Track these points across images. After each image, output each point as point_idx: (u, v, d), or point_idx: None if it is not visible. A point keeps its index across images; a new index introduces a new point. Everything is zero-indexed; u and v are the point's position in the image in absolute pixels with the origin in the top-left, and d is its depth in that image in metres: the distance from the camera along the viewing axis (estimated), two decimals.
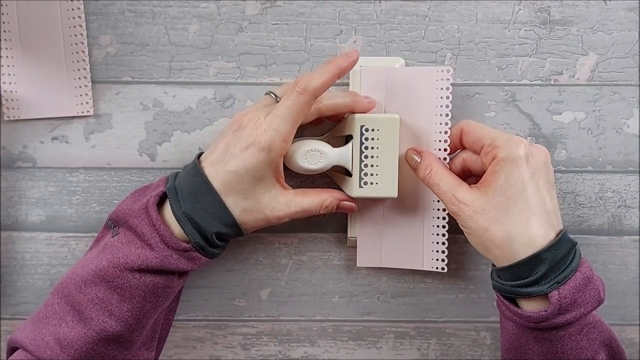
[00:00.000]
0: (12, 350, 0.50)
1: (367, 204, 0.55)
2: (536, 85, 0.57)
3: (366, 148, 0.52)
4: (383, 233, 0.56)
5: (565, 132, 0.58)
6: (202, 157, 0.51)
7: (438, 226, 0.54)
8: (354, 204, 0.54)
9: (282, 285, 0.59)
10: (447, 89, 0.52)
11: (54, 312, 0.49)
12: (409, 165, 0.53)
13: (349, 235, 0.57)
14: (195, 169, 0.50)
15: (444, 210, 0.54)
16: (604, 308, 0.50)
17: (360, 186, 0.52)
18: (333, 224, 0.59)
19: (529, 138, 0.57)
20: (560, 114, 0.57)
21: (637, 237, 0.58)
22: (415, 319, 0.60)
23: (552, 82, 0.57)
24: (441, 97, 0.53)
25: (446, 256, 0.54)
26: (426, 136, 0.53)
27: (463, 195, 0.48)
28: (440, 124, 0.53)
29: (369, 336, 0.60)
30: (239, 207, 0.50)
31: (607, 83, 0.57)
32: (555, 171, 0.57)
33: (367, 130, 0.52)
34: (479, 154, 0.51)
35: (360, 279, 0.59)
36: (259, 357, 0.60)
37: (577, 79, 0.57)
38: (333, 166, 0.54)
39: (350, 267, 0.59)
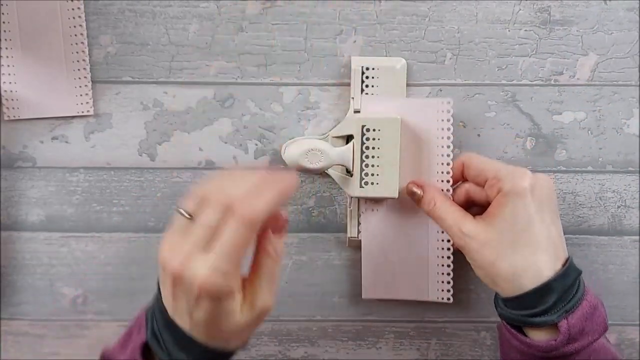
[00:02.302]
0: None
1: (372, 230, 0.56)
2: (536, 85, 0.57)
3: (367, 148, 0.52)
4: (387, 263, 0.56)
5: (566, 132, 0.58)
6: (168, 310, 0.43)
7: (442, 257, 0.55)
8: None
9: (282, 285, 0.59)
10: (448, 120, 0.52)
11: None
12: (411, 199, 0.53)
13: (348, 235, 0.57)
14: (166, 321, 0.43)
15: (448, 241, 0.54)
16: None
17: (361, 186, 0.52)
18: (333, 224, 0.59)
19: (529, 138, 0.58)
20: (561, 114, 0.57)
21: (637, 237, 0.58)
22: (415, 319, 0.60)
23: (552, 82, 0.57)
24: (442, 129, 0.53)
25: (451, 287, 0.55)
26: (428, 167, 0.53)
27: (469, 228, 0.48)
28: (442, 155, 0.53)
29: (369, 336, 0.60)
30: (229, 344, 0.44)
31: (607, 83, 0.57)
32: (555, 171, 0.58)
33: (368, 130, 0.52)
34: (482, 186, 0.50)
35: (360, 279, 0.59)
36: (259, 357, 0.60)
37: (577, 79, 0.57)
38: (334, 166, 0.54)
39: (351, 267, 0.59)
